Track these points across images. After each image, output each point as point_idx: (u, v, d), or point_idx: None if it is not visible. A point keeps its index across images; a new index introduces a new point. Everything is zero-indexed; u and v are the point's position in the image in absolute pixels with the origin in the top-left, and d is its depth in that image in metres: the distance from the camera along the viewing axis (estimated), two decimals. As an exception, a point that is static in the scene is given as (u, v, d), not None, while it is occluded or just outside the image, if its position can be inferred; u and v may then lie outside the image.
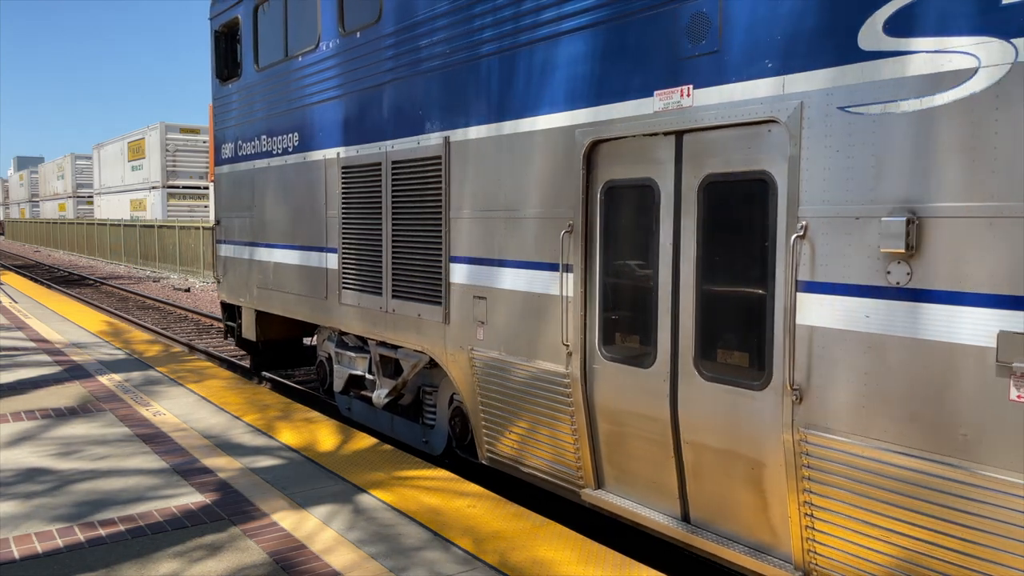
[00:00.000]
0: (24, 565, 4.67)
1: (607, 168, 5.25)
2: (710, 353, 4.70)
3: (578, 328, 5.41)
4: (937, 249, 3.61)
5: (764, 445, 4.40)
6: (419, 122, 6.81)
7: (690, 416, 4.80)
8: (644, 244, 5.05)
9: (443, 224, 6.57)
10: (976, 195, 3.48)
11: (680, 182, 4.82)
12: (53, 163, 69.16)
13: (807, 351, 4.11)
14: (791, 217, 4.15)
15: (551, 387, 5.65)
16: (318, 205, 8.34)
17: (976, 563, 3.52)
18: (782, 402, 4.23)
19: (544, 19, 5.55)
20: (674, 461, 4.97)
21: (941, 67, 3.57)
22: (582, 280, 5.39)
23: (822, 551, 4.15)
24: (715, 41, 4.49)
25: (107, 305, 23.33)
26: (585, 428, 5.46)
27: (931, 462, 3.63)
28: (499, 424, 6.25)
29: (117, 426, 7.48)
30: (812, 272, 4.09)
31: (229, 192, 10.52)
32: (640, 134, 4.96)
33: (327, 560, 4.67)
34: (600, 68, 5.18)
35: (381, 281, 7.40)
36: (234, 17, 10.01)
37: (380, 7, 7.20)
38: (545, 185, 5.62)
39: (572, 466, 5.64)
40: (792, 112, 4.12)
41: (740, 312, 4.53)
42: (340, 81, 7.88)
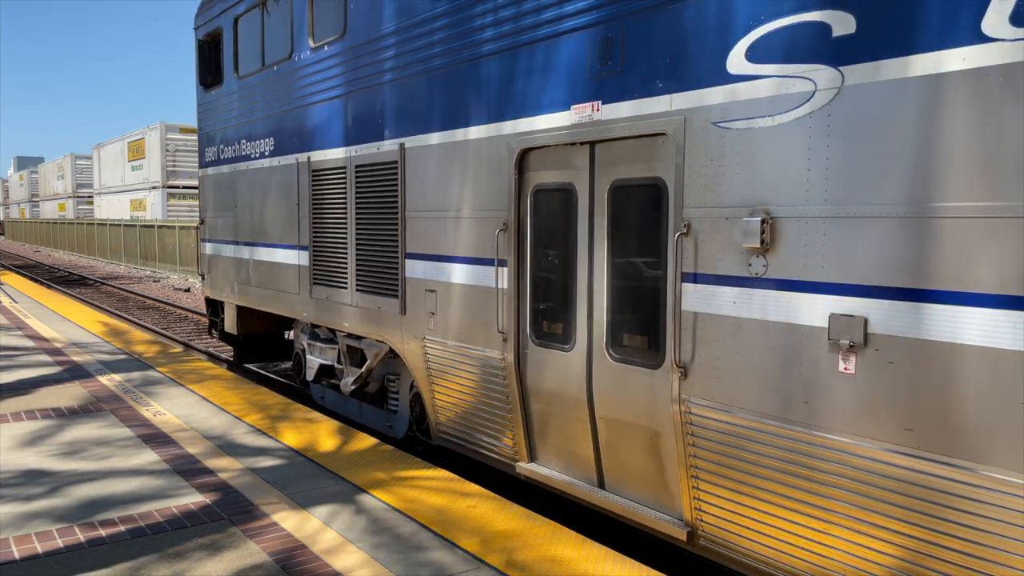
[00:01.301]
0: (24, 565, 4.75)
1: (535, 173, 6.00)
2: (618, 337, 5.44)
3: (511, 317, 6.16)
4: (787, 245, 4.34)
5: (659, 417, 5.13)
6: (379, 129, 7.57)
7: (602, 394, 5.55)
8: (566, 241, 5.79)
9: (399, 223, 7.33)
10: (815, 199, 4.20)
11: (593, 186, 5.56)
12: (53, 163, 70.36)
13: (691, 334, 4.84)
14: (677, 218, 4.89)
15: (490, 371, 6.40)
16: (291, 205, 9.13)
17: (819, 511, 4.24)
18: (672, 378, 4.96)
19: (483, 39, 6.30)
20: (591, 434, 5.71)
21: (788, 89, 4.30)
22: (515, 274, 6.13)
23: (705, 508, 4.88)
24: (618, 63, 5.23)
25: (107, 305, 23.89)
26: (519, 407, 6.21)
27: (782, 426, 4.36)
28: (448, 406, 7.00)
29: (117, 426, 7.62)
30: (694, 265, 4.82)
31: (212, 193, 11.34)
32: (561, 143, 5.70)
33: (328, 561, 4.76)
34: (527, 84, 5.92)
35: (347, 276, 8.17)
36: (217, 27, 10.81)
37: (345, 23, 7.96)
38: (484, 188, 6.37)
39: (509, 442, 6.39)
40: (677, 126, 4.85)
41: (641, 300, 5.27)
42: (310, 90, 8.65)
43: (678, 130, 4.84)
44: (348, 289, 8.15)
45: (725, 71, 4.59)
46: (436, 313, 6.95)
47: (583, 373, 5.69)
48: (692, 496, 4.95)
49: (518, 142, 6.00)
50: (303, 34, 8.74)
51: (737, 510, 4.68)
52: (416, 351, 7.23)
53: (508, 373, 6.22)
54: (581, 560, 4.81)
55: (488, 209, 6.34)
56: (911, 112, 3.78)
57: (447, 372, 6.89)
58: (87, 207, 61.13)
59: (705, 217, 4.74)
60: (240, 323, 10.78)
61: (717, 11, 4.60)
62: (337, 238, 8.30)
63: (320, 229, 8.60)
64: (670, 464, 5.15)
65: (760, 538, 4.56)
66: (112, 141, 52.18)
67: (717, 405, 4.70)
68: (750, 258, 4.50)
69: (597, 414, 5.62)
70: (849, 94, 4.03)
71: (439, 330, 6.93)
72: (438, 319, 6.93)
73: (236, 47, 10.35)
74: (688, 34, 4.78)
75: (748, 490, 4.59)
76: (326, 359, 8.96)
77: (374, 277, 7.76)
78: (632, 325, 5.36)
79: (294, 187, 9.04)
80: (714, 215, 4.68)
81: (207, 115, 11.46)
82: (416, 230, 7.15)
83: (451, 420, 7.01)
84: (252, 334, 10.93)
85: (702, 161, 4.73)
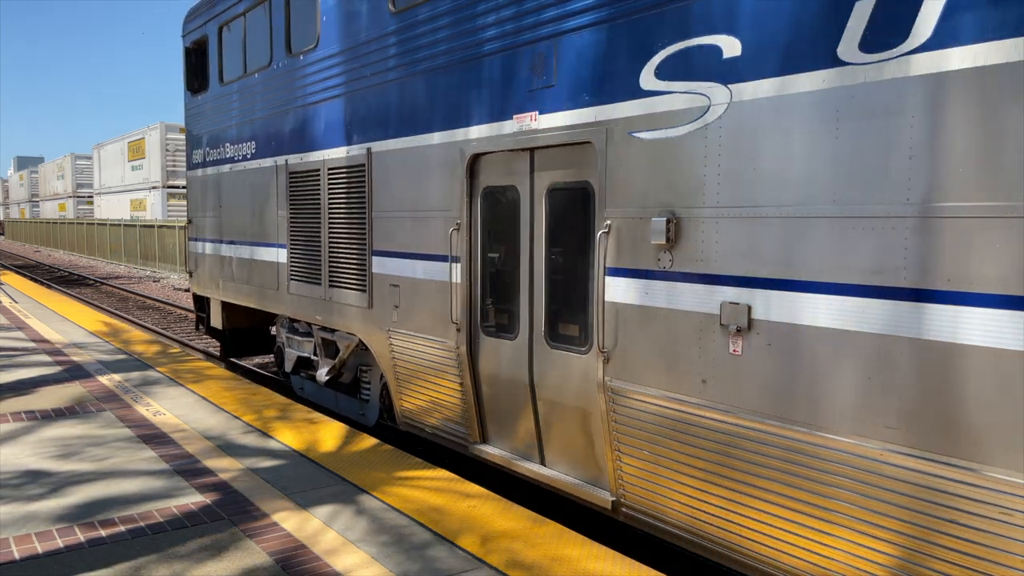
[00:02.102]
0: (24, 565, 4.81)
1: (485, 176, 6.64)
2: (555, 326, 6.08)
3: (464, 309, 6.80)
4: (687, 242, 4.97)
5: (588, 397, 5.77)
6: (349, 134, 8.22)
7: (542, 378, 6.18)
8: (511, 239, 6.43)
9: (367, 222, 7.98)
10: (709, 202, 4.83)
11: (533, 189, 6.20)
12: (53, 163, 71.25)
13: (613, 322, 5.48)
14: (601, 218, 5.52)
15: (445, 359, 7.05)
16: (270, 206, 9.79)
17: (722, 480, 4.87)
18: (597, 362, 5.60)
19: (436, 52, 6.94)
20: (533, 415, 6.35)
21: (688, 104, 4.93)
22: (467, 269, 6.78)
23: (627, 479, 5.51)
24: (552, 77, 5.87)
25: (107, 305, 24.23)
26: (471, 392, 6.85)
27: (685, 403, 5.00)
28: (410, 393, 7.65)
29: (117, 426, 7.73)
30: (616, 260, 5.45)
31: (199, 194, 12.03)
32: (506, 149, 6.34)
33: (329, 561, 4.84)
34: (476, 95, 6.56)
35: (320, 272, 8.83)
36: (203, 35, 11.49)
37: (318, 34, 8.62)
38: (439, 190, 7.02)
39: (463, 424, 7.04)
40: (600, 136, 5.48)
41: (573, 292, 5.90)
42: (287, 96, 9.32)
43: (601, 139, 5.47)
44: (322, 285, 8.82)
45: (639, 87, 5.23)
46: (399, 306, 7.60)
47: (525, 359, 6.33)
48: (616, 468, 5.58)
49: (469, 148, 6.65)
50: (281, 44, 9.40)
51: (653, 480, 5.31)
52: (382, 342, 7.89)
53: (462, 361, 6.86)
54: (582, 560, 4.92)
55: (444, 209, 6.98)
56: (783, 125, 4.41)
57: (409, 362, 7.54)
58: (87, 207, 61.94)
59: (623, 217, 5.37)
60: (225, 318, 11.47)
61: (633, 33, 5.23)
62: (312, 237, 8.97)
63: (296, 228, 9.26)
64: (598, 440, 5.79)
65: (674, 505, 5.19)
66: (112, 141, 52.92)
67: (634, 385, 5.33)
68: (659, 254, 5.14)
69: (538, 397, 6.26)
70: (736, 109, 4.66)
71: (402, 322, 7.58)
72: (401, 312, 7.58)
73: (220, 55, 11.03)
74: (609, 53, 5.41)
75: (663, 462, 5.22)
76: (303, 352, 9.63)
77: (345, 273, 8.42)
78: (566, 315, 6.00)
79: (273, 189, 9.71)
80: (630, 216, 5.32)
81: (194, 119, 12.16)
82: (382, 229, 7.80)
83: (413, 406, 7.66)
84: (237, 329, 11.61)
85: (620, 167, 5.37)
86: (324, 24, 8.49)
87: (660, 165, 5.11)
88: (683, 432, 5.03)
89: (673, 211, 5.04)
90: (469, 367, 6.82)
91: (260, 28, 9.89)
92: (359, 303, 8.18)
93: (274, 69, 9.58)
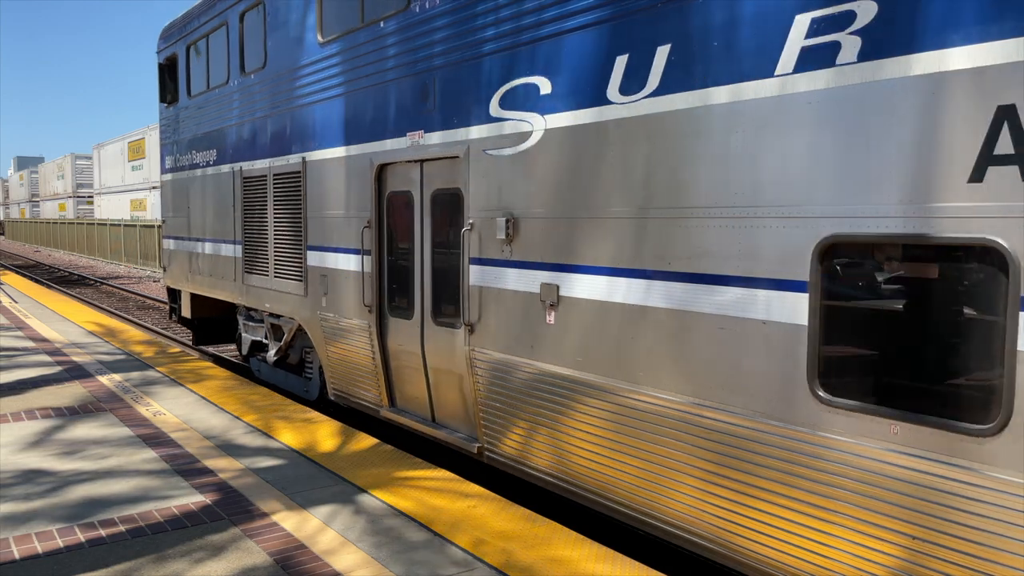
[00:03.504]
0: (24, 565, 4.93)
1: (389, 183, 8.24)
2: (438, 306, 7.67)
3: (374, 294, 8.41)
4: (521, 237, 6.55)
5: (460, 363, 7.36)
6: (289, 145, 9.86)
7: (430, 349, 7.78)
8: (408, 236, 8.04)
9: (303, 221, 9.61)
10: (533, 205, 6.41)
11: (423, 194, 7.80)
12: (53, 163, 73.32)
13: (475, 301, 7.06)
14: (466, 218, 7.11)
15: (361, 337, 8.67)
16: (228, 207, 11.46)
17: (551, 423, 6.45)
18: (465, 334, 7.19)
19: (352, 77, 8.55)
20: (425, 382, 7.96)
21: (519, 129, 6.51)
22: (376, 261, 8.39)
23: (487, 428, 7.10)
24: (433, 103, 7.46)
25: (107, 305, 24.96)
26: (381, 365, 8.46)
27: (523, 361, 6.57)
28: (336, 368, 9.27)
29: (117, 426, 7.96)
30: (478, 252, 7.04)
31: (170, 196, 13.78)
32: (403, 161, 7.94)
33: (328, 560, 4.99)
34: (382, 115, 8.17)
35: (268, 265, 10.48)
36: (174, 53, 13.20)
37: (265, 56, 10.26)
38: (356, 194, 8.63)
39: (376, 392, 8.65)
40: (465, 152, 7.07)
41: (449, 278, 7.50)
42: (242, 110, 10.97)
43: (465, 154, 7.07)
44: (269, 276, 10.46)
45: (489, 114, 6.81)
46: (327, 293, 9.22)
47: (419, 336, 7.93)
48: (480, 420, 7.17)
49: (377, 159, 8.25)
50: (236, 64, 11.06)
51: (504, 427, 6.90)
52: (315, 324, 9.52)
53: (373, 339, 8.48)
54: (580, 560, 5.10)
55: (359, 210, 8.59)
56: (576, 147, 5.98)
57: (335, 340, 9.16)
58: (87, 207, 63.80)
59: (480, 217, 6.96)
60: (194, 308, 13.17)
61: (485, 69, 6.81)
62: (261, 234, 10.61)
63: (249, 227, 10.92)
64: (468, 398, 7.39)
65: (519, 446, 6.76)
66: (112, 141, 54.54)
67: (488, 351, 6.93)
68: (502, 246, 6.73)
69: (428, 366, 7.86)
70: (549, 134, 6.24)
71: (329, 307, 9.21)
72: (328, 298, 9.21)
73: (188, 71, 12.73)
74: (470, 84, 7.01)
75: (509, 411, 6.80)
76: (257, 336, 11.29)
77: (287, 265, 10.05)
78: (445, 297, 7.60)
79: (230, 192, 11.37)
80: (485, 216, 6.91)
81: (166, 128, 13.91)
82: (314, 227, 9.42)
83: (339, 379, 9.29)
84: (205, 318, 13.30)
85: (478, 178, 6.96)
86: (270, 49, 10.13)
87: (503, 176, 6.70)
88: (520, 387, 6.62)
89: (512, 213, 6.62)
90: (379, 344, 8.44)
91: (220, 49, 11.56)
92: (297, 291, 9.82)
93: (231, 86, 11.24)
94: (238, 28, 11.00)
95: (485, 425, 7.12)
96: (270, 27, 10.11)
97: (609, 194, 5.72)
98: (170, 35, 13.42)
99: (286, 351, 10.61)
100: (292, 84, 9.70)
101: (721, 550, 5.13)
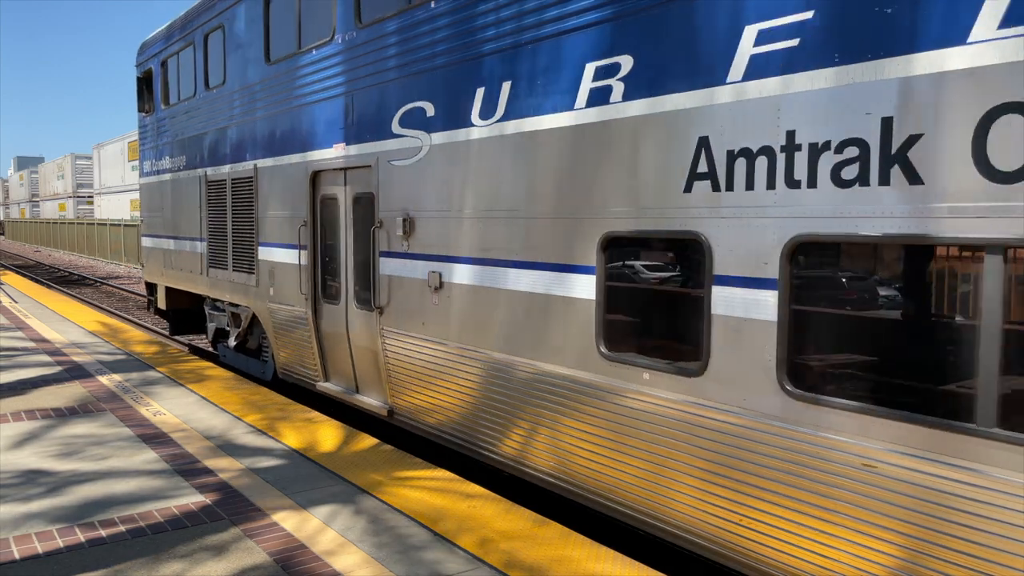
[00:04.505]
0: (24, 565, 4.97)
1: (321, 188, 9.82)
2: (359, 293, 9.24)
3: (310, 283, 9.99)
4: (415, 233, 8.11)
5: (375, 340, 8.93)
6: (244, 153, 11.45)
7: (353, 330, 9.36)
8: (336, 233, 9.61)
9: (255, 221, 11.20)
10: (423, 207, 7.96)
11: (347, 197, 9.37)
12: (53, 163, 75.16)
13: (385, 287, 8.62)
14: (376, 216, 8.67)
15: (299, 321, 10.25)
16: (196, 208, 13.09)
17: (436, 386, 8.01)
18: (377, 315, 8.75)
19: (292, 95, 10.14)
20: (350, 358, 9.53)
21: (413, 144, 8.07)
22: (312, 255, 9.97)
23: (395, 393, 8.65)
24: (351, 119, 9.03)
25: (107, 305, 25.61)
26: (316, 344, 10.04)
27: (416, 336, 8.13)
28: (283, 349, 10.86)
29: (117, 426, 8.09)
30: (385, 246, 8.59)
31: (147, 198, 15.47)
32: (331, 168, 9.52)
33: (329, 561, 5.05)
34: (316, 128, 9.75)
35: (228, 260, 12.08)
36: (150, 67, 14.88)
37: (225, 74, 11.86)
38: (296, 196, 10.21)
39: (313, 369, 10.24)
40: (375, 162, 8.63)
41: (365, 269, 9.07)
42: (206, 121, 12.59)
43: (375, 164, 8.63)
44: (228, 270, 12.08)
45: (391, 131, 8.38)
46: (274, 284, 10.81)
47: (344, 318, 9.51)
48: (389, 387, 8.74)
49: (311, 166, 9.84)
50: (201, 79, 12.68)
51: (406, 392, 8.46)
52: (265, 312, 11.11)
53: (309, 322, 10.06)
54: (582, 560, 5.18)
55: (298, 211, 10.18)
56: (452, 159, 7.53)
57: (280, 325, 10.75)
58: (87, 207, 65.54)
59: (387, 217, 8.52)
60: (169, 300, 14.81)
61: (389, 93, 8.36)
62: (222, 232, 12.22)
63: (212, 226, 12.53)
64: (381, 370, 8.96)
65: (418, 407, 8.31)
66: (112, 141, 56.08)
67: (394, 329, 8.49)
68: (402, 241, 8.29)
69: (352, 344, 9.44)
70: (434, 149, 7.79)
71: (275, 296, 10.80)
72: (275, 288, 10.80)
73: (162, 85, 14.37)
74: (377, 105, 8.57)
75: (410, 378, 8.36)
76: (220, 324, 12.91)
77: (243, 260, 11.65)
78: (363, 285, 9.17)
79: (197, 195, 13.00)
80: (390, 215, 8.47)
81: (144, 136, 15.60)
82: (264, 225, 11.02)
83: (285, 359, 10.88)
84: (179, 309, 14.94)
85: (385, 184, 8.52)
86: (228, 67, 11.73)
87: (402, 183, 8.26)
88: (417, 357, 8.19)
89: (408, 213, 8.19)
90: (314, 326, 10.02)
91: (189, 66, 13.19)
92: (251, 283, 11.42)
93: (198, 99, 12.87)
94: (203, 48, 12.62)
95: (392, 392, 8.68)
96: (228, 48, 11.71)
97: (473, 198, 7.28)
98: (146, 50, 15.08)
99: (245, 337, 12.22)
100: (246, 99, 11.30)
101: (515, 464, 6.69)
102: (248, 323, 11.95)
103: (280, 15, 10.39)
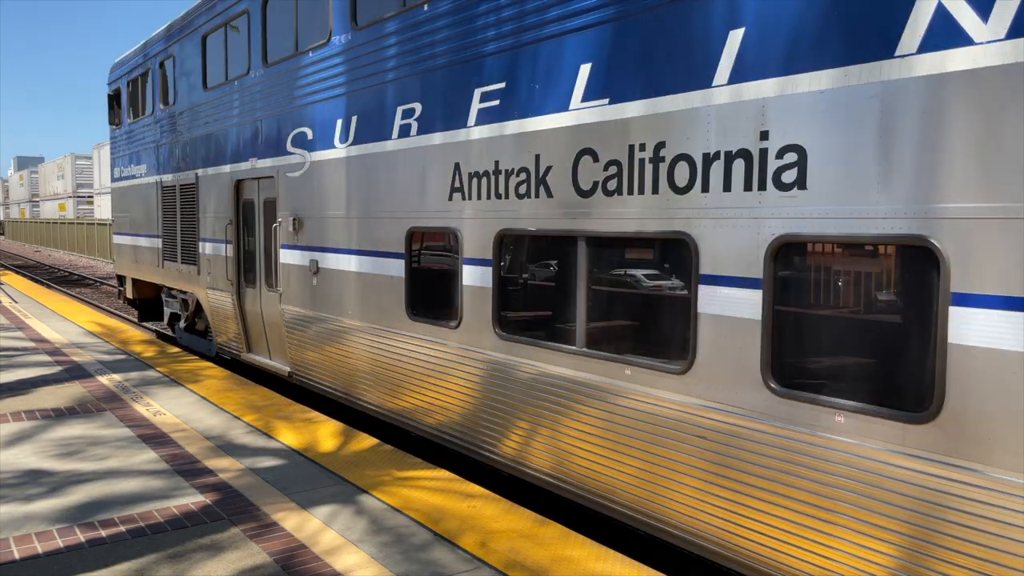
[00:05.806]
0: (24, 565, 5.01)
1: (243, 193, 12.38)
2: (269, 278, 11.79)
3: (234, 271, 12.55)
4: (303, 229, 10.63)
5: (279, 316, 11.47)
6: (190, 164, 14.05)
7: (265, 309, 11.91)
8: (253, 230, 12.16)
9: (198, 220, 13.79)
10: (311, 208, 10.51)
11: (260, 201, 11.92)
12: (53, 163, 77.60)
13: (285, 273, 11.14)
14: (278, 216, 11.21)
15: (227, 303, 12.82)
16: (153, 209, 15.72)
17: (320, 349, 10.57)
18: (279, 296, 11.30)
19: (220, 117, 12.71)
20: (264, 331, 12.10)
21: (299, 160, 10.60)
22: (236, 248, 12.53)
23: (293, 358, 11.17)
24: (261, 139, 11.58)
25: (107, 305, 26.36)
26: (240, 322, 12.61)
27: (302, 311, 10.67)
28: (218, 328, 13.43)
29: (117, 426, 8.18)
30: (284, 240, 11.12)
31: (117, 201, 18.18)
32: (248, 178, 12.08)
33: (329, 561, 5.09)
34: (237, 145, 12.31)
35: (177, 253, 14.69)
36: (118, 86, 17.55)
37: (175, 95, 14.48)
38: (223, 201, 12.78)
39: (239, 342, 12.80)
40: (275, 173, 11.16)
41: (270, 258, 11.61)
42: (160, 135, 15.22)
43: (276, 175, 11.17)
44: (178, 262, 14.69)
45: (285, 149, 10.93)
46: (211, 273, 13.40)
47: (259, 299, 12.07)
48: (289, 353, 11.28)
49: (235, 176, 12.40)
50: (158, 98, 15.31)
51: (300, 355, 10.99)
52: (205, 297, 13.71)
53: (234, 303, 12.63)
54: (583, 560, 5.18)
55: (226, 212, 12.75)
56: (324, 173, 10.05)
57: (215, 307, 13.33)
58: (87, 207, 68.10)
59: (284, 217, 11.05)
60: (136, 290, 17.47)
61: (285, 120, 10.90)
62: (173, 230, 14.82)
63: (165, 224, 15.14)
64: (284, 340, 11.50)
65: (307, 368, 10.82)
66: (110, 142, 58.68)
67: (291, 306, 11.04)
68: (294, 236, 10.83)
69: (265, 320, 12.00)
70: (313, 164, 10.32)
71: (211, 283, 13.38)
72: (211, 276, 13.39)
73: (128, 102, 17.04)
74: (277, 129, 11.12)
75: (300, 344, 10.89)
76: (174, 309, 15.54)
77: (189, 253, 14.24)
78: (270, 272, 11.72)
79: (154, 198, 15.63)
80: (286, 215, 11.00)
81: (114, 146, 18.33)
82: (204, 224, 13.59)
83: (220, 335, 13.46)
84: (145, 299, 17.58)
85: (283, 191, 11.06)
86: (178, 90, 14.34)
87: (294, 191, 10.80)
88: (303, 325, 10.73)
89: (297, 214, 10.73)
90: (238, 306, 12.59)
91: (148, 87, 15.84)
92: (194, 272, 14.01)
93: (157, 115, 15.51)
94: (159, 72, 15.24)
95: (292, 356, 11.23)
96: (177, 75, 14.33)
97: (337, 202, 9.83)
98: (116, 71, 17.77)
99: (193, 319, 14.83)
100: (190, 119, 13.90)
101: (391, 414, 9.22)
102: (195, 307, 14.55)
103: (214, 50, 12.99)
